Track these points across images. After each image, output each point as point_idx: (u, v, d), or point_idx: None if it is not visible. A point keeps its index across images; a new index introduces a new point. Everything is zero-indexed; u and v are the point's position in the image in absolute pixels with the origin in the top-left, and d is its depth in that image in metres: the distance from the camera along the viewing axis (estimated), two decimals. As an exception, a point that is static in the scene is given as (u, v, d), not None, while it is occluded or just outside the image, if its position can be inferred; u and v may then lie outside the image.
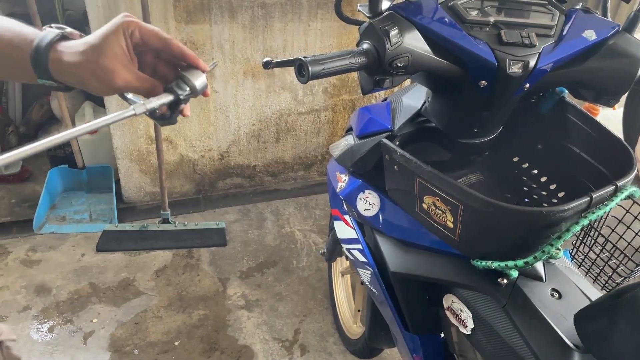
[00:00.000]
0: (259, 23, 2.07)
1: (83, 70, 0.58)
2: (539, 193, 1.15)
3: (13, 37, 0.60)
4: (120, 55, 0.59)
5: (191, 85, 0.63)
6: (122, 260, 2.09)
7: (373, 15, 0.92)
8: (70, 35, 0.62)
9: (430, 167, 0.92)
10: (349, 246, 1.25)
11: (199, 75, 0.65)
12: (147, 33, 0.61)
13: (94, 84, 0.59)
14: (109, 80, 0.59)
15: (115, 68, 0.59)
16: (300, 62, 0.83)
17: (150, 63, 0.66)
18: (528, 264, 0.87)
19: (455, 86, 0.97)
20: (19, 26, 0.62)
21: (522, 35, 0.92)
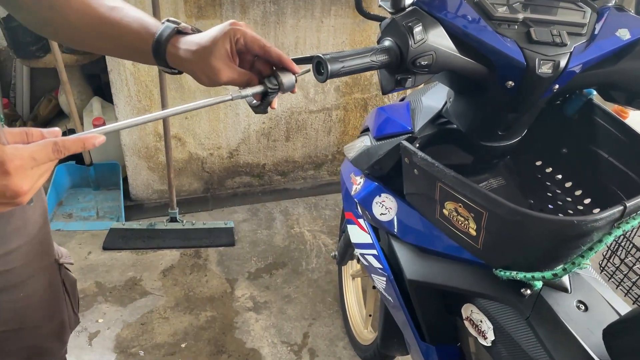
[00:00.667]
0: (270, 19, 2.03)
1: (195, 66, 0.70)
2: (564, 199, 1.10)
3: (140, 29, 0.73)
4: (225, 57, 0.69)
5: (280, 81, 0.73)
6: (129, 259, 2.06)
7: (395, 10, 0.88)
8: (184, 29, 0.74)
9: (454, 172, 0.87)
10: (363, 251, 1.21)
11: (289, 76, 0.75)
12: (250, 40, 0.71)
13: (202, 78, 0.71)
14: (215, 77, 0.70)
15: (221, 67, 0.69)
16: (319, 59, 0.78)
17: (250, 60, 0.75)
18: (557, 276, 0.82)
19: (479, 86, 0.92)
20: (144, 17, 0.75)
21: (552, 33, 0.87)
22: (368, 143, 1.10)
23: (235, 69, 0.71)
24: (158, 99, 1.98)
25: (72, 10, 0.73)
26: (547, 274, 0.83)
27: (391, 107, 1.10)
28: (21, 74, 2.56)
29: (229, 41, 0.70)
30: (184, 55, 0.71)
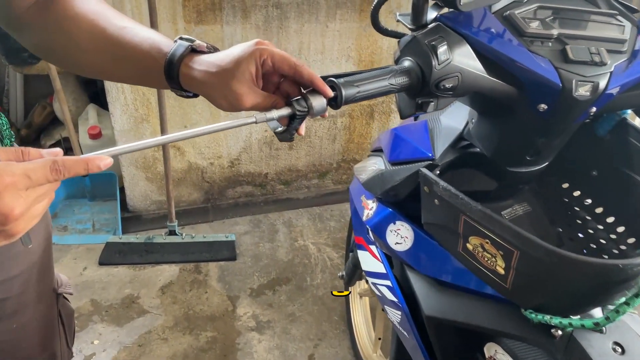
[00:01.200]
0: (273, 24, 1.94)
1: (214, 90, 0.63)
2: (595, 227, 1.01)
3: (151, 49, 0.65)
4: (250, 81, 0.63)
5: (309, 104, 0.66)
6: (126, 274, 1.98)
7: (416, 27, 0.79)
8: (198, 47, 0.65)
9: (480, 205, 0.79)
10: (376, 281, 1.12)
11: (319, 99, 0.67)
12: (279, 60, 0.64)
13: (222, 103, 0.64)
14: (238, 102, 0.63)
15: (244, 92, 0.62)
16: (332, 83, 0.70)
17: (275, 82, 0.69)
18: (598, 325, 0.74)
19: (507, 108, 0.84)
20: (155, 36, 0.66)
21: (591, 51, 0.78)
22: (382, 166, 1.01)
23: (260, 93, 0.65)
24: (156, 107, 1.89)
25: (81, 32, 0.67)
26: (587, 322, 0.75)
27: (407, 129, 1.01)
28: (14, 79, 2.47)
29: (255, 63, 0.63)
30: (200, 76, 0.63)
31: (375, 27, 0.87)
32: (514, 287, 0.81)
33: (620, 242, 0.98)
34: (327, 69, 2.10)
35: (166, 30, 1.82)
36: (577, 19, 0.82)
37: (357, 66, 2.14)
